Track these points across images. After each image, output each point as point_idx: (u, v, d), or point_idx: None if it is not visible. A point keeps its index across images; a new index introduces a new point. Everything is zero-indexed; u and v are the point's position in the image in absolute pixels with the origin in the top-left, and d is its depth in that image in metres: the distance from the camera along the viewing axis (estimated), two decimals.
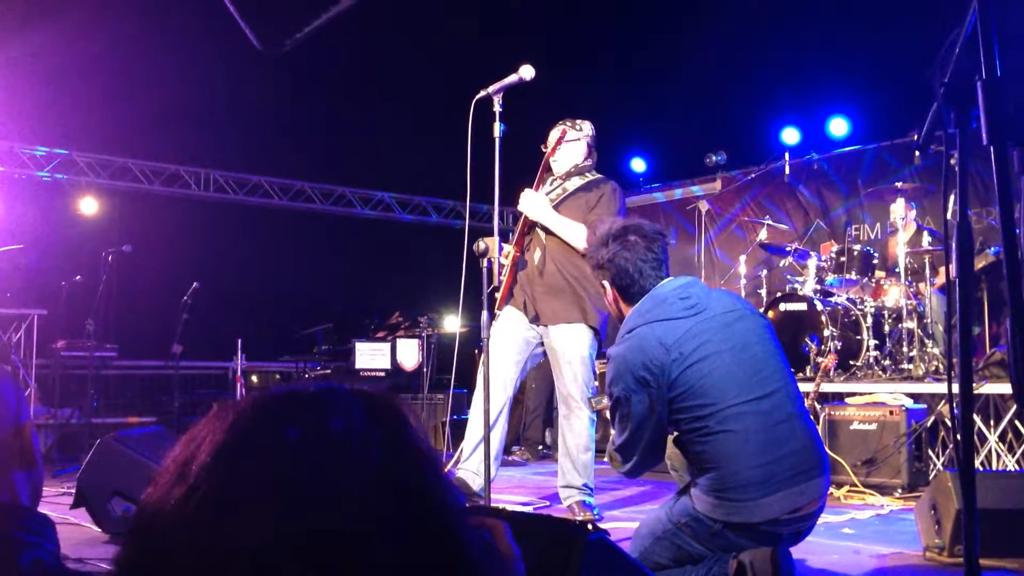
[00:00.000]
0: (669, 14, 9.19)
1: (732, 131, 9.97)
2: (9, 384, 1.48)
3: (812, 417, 4.00)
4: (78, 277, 8.09)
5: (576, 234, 4.35)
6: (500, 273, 4.32)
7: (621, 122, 9.99)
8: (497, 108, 3.55)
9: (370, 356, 8.64)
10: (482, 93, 3.55)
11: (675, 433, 2.74)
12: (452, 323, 9.68)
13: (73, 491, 5.85)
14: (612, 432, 2.83)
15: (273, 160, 10.58)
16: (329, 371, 8.73)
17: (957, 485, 3.66)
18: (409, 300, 9.84)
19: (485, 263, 3.73)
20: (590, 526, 1.51)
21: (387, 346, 8.67)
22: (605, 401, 2.91)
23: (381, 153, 10.51)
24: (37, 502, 1.51)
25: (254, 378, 10.85)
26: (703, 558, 2.61)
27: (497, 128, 3.60)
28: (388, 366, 8.61)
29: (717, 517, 2.59)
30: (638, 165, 11.19)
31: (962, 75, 1.71)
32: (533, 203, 4.39)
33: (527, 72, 3.61)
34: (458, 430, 8.25)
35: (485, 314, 3.67)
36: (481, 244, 3.74)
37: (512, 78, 3.59)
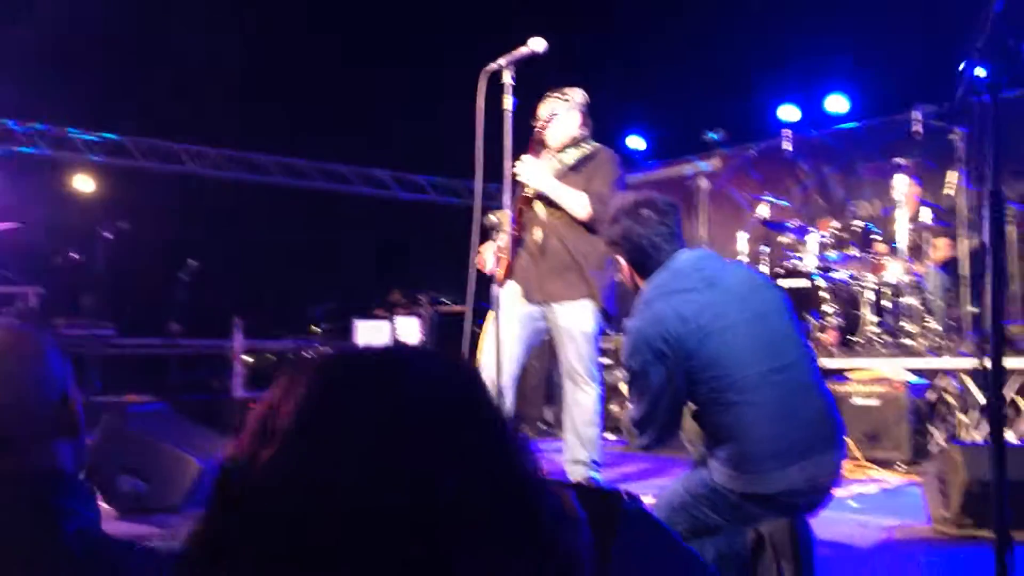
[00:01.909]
0: None
1: (730, 109, 9.92)
2: (56, 352, 1.47)
3: None
4: (73, 254, 8.05)
5: (578, 203, 4.27)
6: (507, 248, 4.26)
7: (618, 99, 9.95)
8: (508, 81, 3.52)
9: (370, 334, 8.63)
10: (493, 65, 3.51)
11: (692, 406, 2.74)
12: (454, 301, 9.66)
13: None
14: (629, 406, 2.83)
15: (270, 137, 10.51)
16: (330, 350, 8.72)
17: (965, 458, 3.68)
18: (408, 279, 9.81)
19: (499, 237, 3.70)
20: (625, 495, 1.50)
21: (387, 324, 8.66)
22: (617, 374, 2.91)
23: (379, 130, 10.46)
24: (79, 472, 1.50)
25: (249, 359, 10.83)
26: (720, 529, 2.62)
27: (508, 101, 3.56)
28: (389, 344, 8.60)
29: (735, 488, 2.59)
30: (636, 143, 11.16)
31: (995, 40, 1.71)
32: (533, 171, 4.29)
33: (538, 44, 3.57)
34: None
35: (495, 288, 3.65)
36: (492, 218, 3.71)
37: (523, 50, 3.55)
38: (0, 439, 1.39)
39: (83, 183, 9.45)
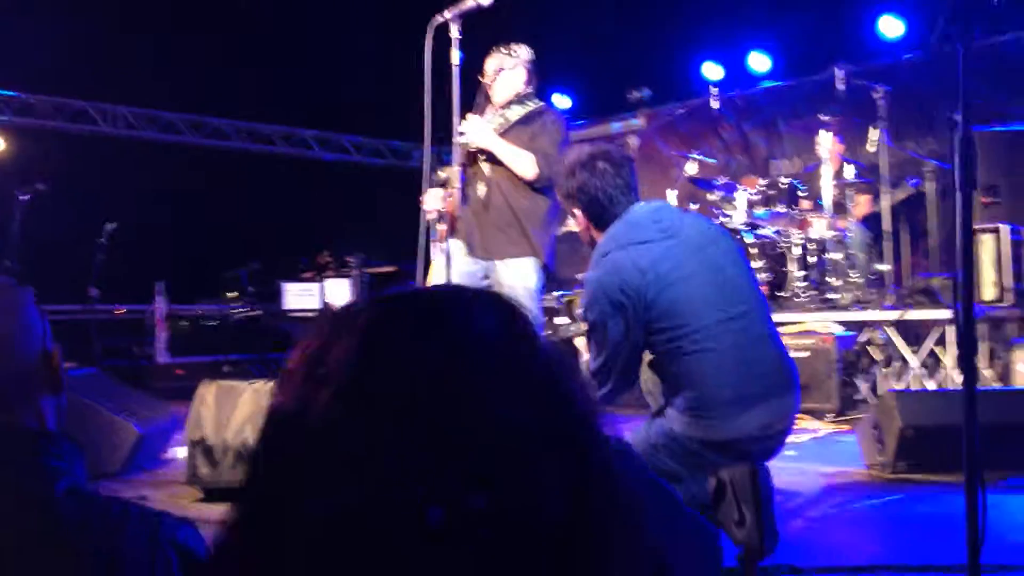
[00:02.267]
0: None
1: (654, 67, 10.00)
2: (34, 307, 1.40)
3: None
4: None
5: (523, 161, 4.26)
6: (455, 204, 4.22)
7: (543, 57, 9.93)
8: (455, 35, 3.46)
9: (299, 297, 8.50)
10: (439, 18, 3.45)
11: (650, 356, 2.78)
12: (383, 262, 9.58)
13: None
14: (586, 357, 2.85)
15: (187, 96, 10.20)
16: (258, 313, 8.57)
17: (900, 404, 3.82)
18: (337, 240, 9.67)
19: (447, 193, 3.66)
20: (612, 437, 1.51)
21: (316, 286, 8.54)
22: (573, 328, 2.93)
23: (303, 88, 10.24)
24: (61, 428, 1.44)
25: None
26: (680, 478, 2.67)
27: (455, 55, 3.51)
28: (318, 307, 8.49)
29: (693, 435, 2.65)
30: (561, 101, 11.15)
31: None
32: (478, 129, 4.26)
33: None
34: None
35: (447, 244, 3.62)
36: (442, 174, 3.66)
37: (470, 3, 3.49)
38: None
39: None
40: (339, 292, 8.88)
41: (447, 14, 3.48)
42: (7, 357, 1.34)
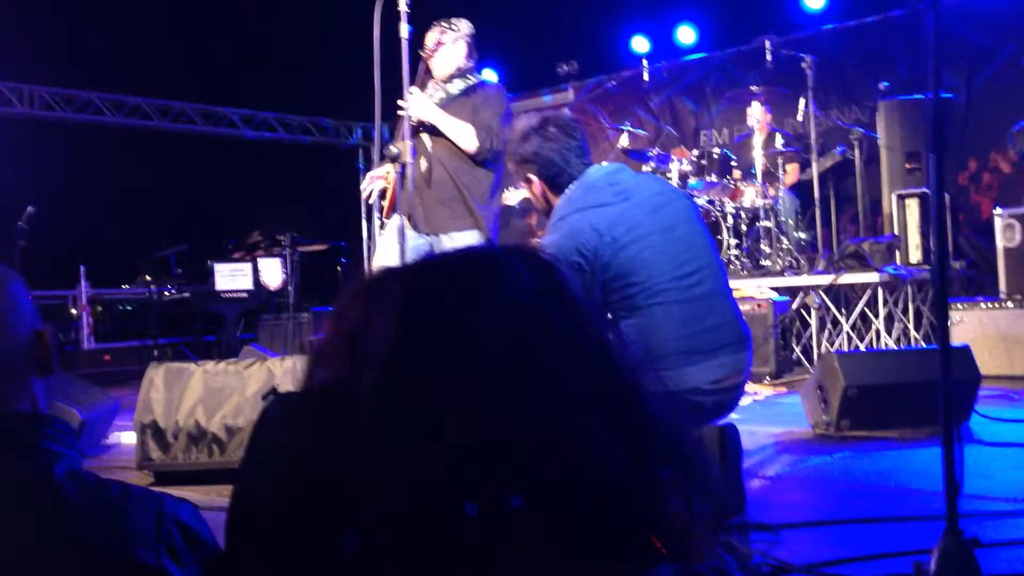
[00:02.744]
0: None
1: (583, 40, 10.02)
2: (22, 286, 1.35)
3: None
4: None
5: (465, 134, 4.24)
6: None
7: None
8: (403, 8, 3.42)
9: (230, 277, 8.34)
10: None
11: (608, 316, 2.81)
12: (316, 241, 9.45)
13: None
14: None
15: (105, 74, 9.86)
16: (188, 295, 8.37)
17: (843, 365, 3.94)
18: (268, 221, 9.50)
19: (398, 167, 3.63)
20: None
21: (248, 266, 8.39)
22: None
23: (224, 64, 10.00)
24: (51, 409, 1.40)
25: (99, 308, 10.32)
26: None
27: (404, 29, 3.47)
28: (251, 287, 8.35)
29: None
30: (490, 75, 11.10)
31: None
32: (420, 103, 4.23)
33: None
34: None
35: (399, 219, 3.60)
36: (393, 148, 3.62)
37: None
38: None
39: None
40: (271, 271, 8.74)
41: None
42: (17, 315, 1.29)
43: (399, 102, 3.86)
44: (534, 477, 0.72)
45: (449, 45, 4.28)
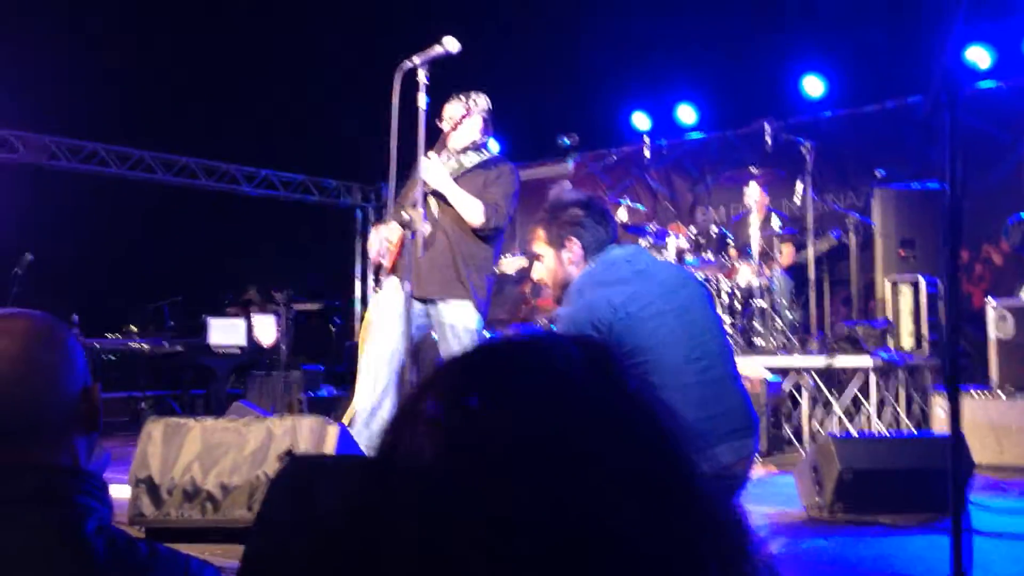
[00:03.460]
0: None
1: (584, 114, 10.21)
2: (76, 342, 1.38)
3: None
4: None
5: (473, 208, 4.33)
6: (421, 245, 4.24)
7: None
8: (423, 80, 3.51)
9: (224, 332, 8.35)
10: (407, 64, 3.50)
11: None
12: (310, 299, 9.48)
13: None
14: None
15: (109, 126, 9.97)
16: (180, 348, 8.36)
17: (839, 448, 3.97)
18: (264, 277, 9.55)
19: (409, 235, 3.68)
20: None
21: (242, 322, 8.40)
22: None
23: (228, 121, 10.12)
24: (92, 465, 1.42)
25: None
26: None
27: (422, 99, 3.56)
28: (244, 343, 8.35)
29: None
30: (491, 145, 11.26)
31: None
32: (436, 171, 4.31)
33: (452, 44, 3.59)
34: (313, 406, 8.13)
35: (409, 286, 3.64)
36: (405, 215, 3.68)
37: (438, 49, 3.55)
38: (29, 428, 1.30)
39: None
40: (265, 328, 8.75)
41: (416, 60, 3.53)
42: (49, 388, 1.32)
43: (417, 167, 3.94)
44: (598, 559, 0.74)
45: (467, 119, 4.40)
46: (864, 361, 5.96)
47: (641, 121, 9.94)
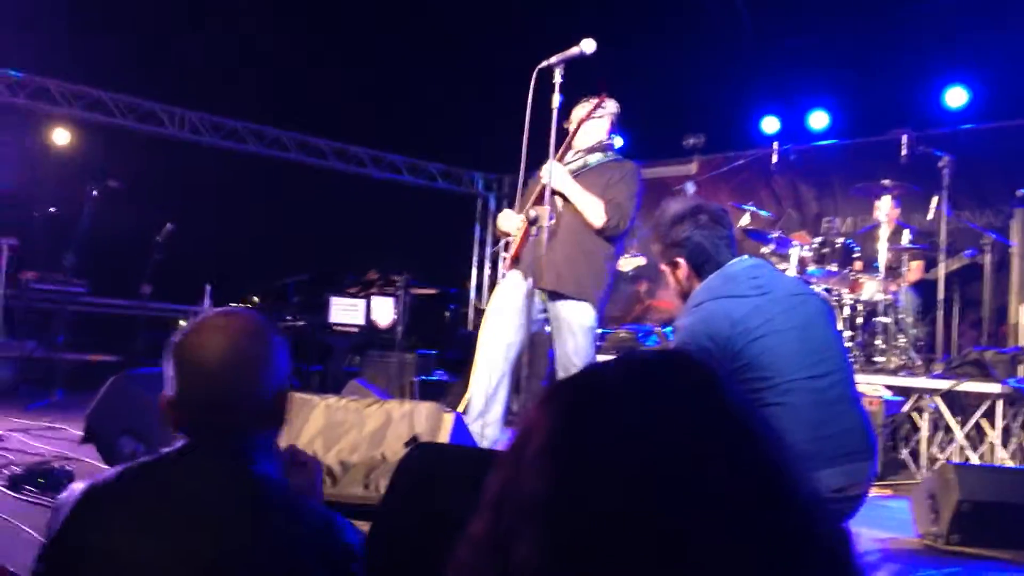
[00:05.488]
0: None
1: (711, 115, 10.08)
2: (283, 350, 1.60)
3: None
4: (52, 209, 7.89)
5: (594, 208, 4.38)
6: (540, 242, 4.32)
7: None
8: (558, 79, 3.58)
9: (344, 311, 8.61)
10: (544, 63, 3.57)
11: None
12: (428, 284, 9.68)
13: (56, 425, 5.79)
14: None
15: (249, 105, 10.39)
16: (302, 323, 8.67)
17: (959, 477, 3.85)
18: (385, 260, 9.79)
19: (534, 231, 3.76)
20: None
21: (362, 302, 8.65)
22: None
23: (360, 105, 10.41)
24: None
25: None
26: None
27: (556, 99, 3.63)
28: (362, 322, 8.60)
29: None
30: (615, 140, 11.24)
31: None
32: (558, 173, 4.38)
33: (588, 46, 3.64)
34: (425, 390, 8.31)
35: (531, 281, 3.71)
36: (532, 213, 3.76)
37: (574, 50, 3.62)
38: (223, 412, 1.46)
39: (60, 136, 9.23)
40: (383, 309, 8.98)
41: (552, 60, 3.60)
42: (246, 383, 1.47)
43: (543, 168, 4.01)
44: None
45: (596, 120, 4.45)
46: (991, 388, 5.74)
47: (771, 125, 9.77)
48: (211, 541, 1.35)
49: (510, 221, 4.55)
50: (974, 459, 5.88)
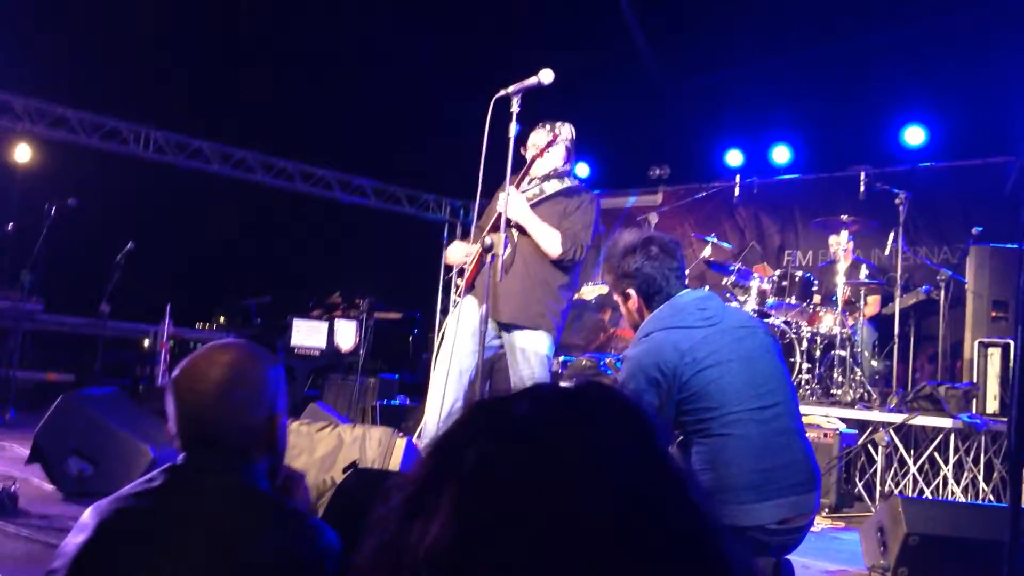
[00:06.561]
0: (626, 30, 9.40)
1: (676, 147, 10.19)
2: (277, 377, 1.70)
3: None
4: (10, 226, 7.79)
5: (550, 238, 4.37)
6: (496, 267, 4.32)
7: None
8: (515, 109, 3.60)
9: (306, 334, 8.57)
10: (502, 92, 3.60)
11: (679, 436, 2.86)
12: (392, 308, 9.66)
13: (2, 443, 5.69)
14: None
15: (217, 126, 10.35)
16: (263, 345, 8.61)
17: (907, 510, 3.88)
18: (349, 283, 9.77)
19: (489, 258, 3.76)
20: None
21: (325, 325, 8.62)
22: None
23: (332, 129, 10.41)
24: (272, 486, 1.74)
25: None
26: None
27: (513, 128, 3.65)
28: (324, 346, 8.55)
29: None
30: (580, 170, 11.32)
31: None
32: (516, 203, 4.38)
33: (546, 76, 3.67)
34: (386, 415, 8.27)
35: (485, 308, 3.71)
36: (487, 240, 3.76)
37: (532, 80, 3.64)
38: (215, 441, 1.53)
39: (21, 153, 9.12)
40: (345, 333, 8.95)
41: (510, 89, 3.62)
42: (235, 412, 1.52)
43: (499, 194, 4.01)
44: None
45: (552, 147, 4.45)
46: (944, 422, 5.81)
47: (735, 158, 9.89)
48: (223, 557, 1.43)
49: (458, 252, 4.56)
50: (927, 492, 5.94)
